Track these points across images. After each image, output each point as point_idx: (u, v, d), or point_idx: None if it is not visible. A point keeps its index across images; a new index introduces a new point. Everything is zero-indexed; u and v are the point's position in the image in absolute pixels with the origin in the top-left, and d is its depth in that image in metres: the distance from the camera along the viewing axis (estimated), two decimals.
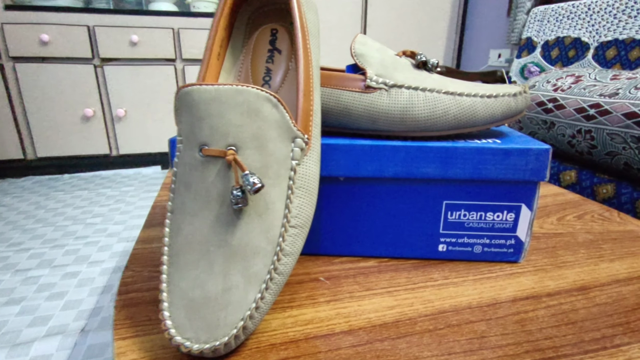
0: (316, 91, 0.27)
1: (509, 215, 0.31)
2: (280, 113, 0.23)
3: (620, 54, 1.10)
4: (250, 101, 0.22)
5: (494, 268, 0.31)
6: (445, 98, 0.29)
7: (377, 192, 0.31)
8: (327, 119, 0.31)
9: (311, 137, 0.25)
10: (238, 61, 0.30)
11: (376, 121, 0.30)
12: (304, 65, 0.25)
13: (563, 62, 1.26)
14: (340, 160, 0.30)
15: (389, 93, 0.30)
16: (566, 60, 1.25)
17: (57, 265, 1.12)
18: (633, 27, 1.08)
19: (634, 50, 1.07)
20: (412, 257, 0.33)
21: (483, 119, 0.30)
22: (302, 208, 0.24)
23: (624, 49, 1.09)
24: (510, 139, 0.31)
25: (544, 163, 0.29)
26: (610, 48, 1.13)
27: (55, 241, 1.25)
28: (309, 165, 0.25)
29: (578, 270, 0.31)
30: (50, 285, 1.04)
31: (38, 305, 0.94)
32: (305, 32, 0.26)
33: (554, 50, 1.31)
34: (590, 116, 0.64)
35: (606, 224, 0.39)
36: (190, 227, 0.23)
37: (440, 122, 0.29)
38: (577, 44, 1.23)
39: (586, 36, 1.21)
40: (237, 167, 0.21)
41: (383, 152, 0.29)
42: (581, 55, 1.20)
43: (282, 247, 0.22)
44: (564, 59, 1.26)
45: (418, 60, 0.32)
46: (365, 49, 0.31)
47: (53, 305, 0.94)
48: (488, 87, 0.31)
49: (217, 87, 0.22)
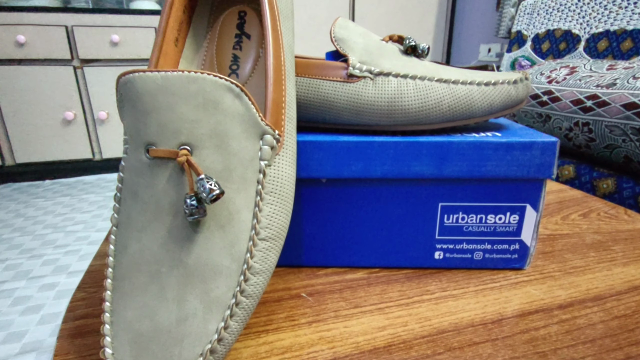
0: (289, 80, 0.23)
1: (512, 218, 0.27)
2: (245, 105, 0.19)
3: (612, 45, 1.08)
4: (206, 91, 0.18)
5: (496, 277, 0.28)
6: (438, 87, 0.26)
7: (364, 194, 0.27)
8: (306, 112, 0.27)
9: (283, 134, 0.21)
10: (201, 48, 0.26)
11: (361, 114, 0.26)
12: (274, 51, 0.22)
13: (554, 55, 1.23)
14: (321, 160, 0.26)
15: (374, 82, 0.26)
16: (557, 53, 1.23)
17: (34, 277, 1.06)
18: (624, 17, 1.07)
19: (625, 42, 1.05)
20: (405, 267, 0.29)
21: (481, 109, 0.26)
22: (275, 217, 0.20)
23: (616, 40, 1.07)
24: (511, 131, 0.28)
25: (551, 158, 0.25)
26: (602, 40, 1.11)
27: (33, 251, 1.20)
28: (281, 166, 0.21)
29: (590, 277, 0.28)
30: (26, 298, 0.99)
31: (12, 320, 0.89)
32: (275, 13, 0.22)
33: (545, 43, 1.29)
34: (587, 108, 0.61)
35: (614, 223, 0.36)
36: (137, 244, 0.19)
37: (433, 113, 0.26)
38: (568, 37, 1.21)
39: (577, 28, 1.19)
40: (190, 171, 0.18)
41: (369, 150, 0.26)
42: (572, 47, 1.18)
43: (249, 265, 0.19)
44: (555, 52, 1.24)
45: (406, 45, 0.28)
46: (346, 33, 0.28)
47: (28, 320, 0.89)
48: (485, 74, 0.27)
49: (164, 74, 0.18)
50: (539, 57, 1.29)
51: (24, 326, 0.87)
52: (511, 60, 1.39)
